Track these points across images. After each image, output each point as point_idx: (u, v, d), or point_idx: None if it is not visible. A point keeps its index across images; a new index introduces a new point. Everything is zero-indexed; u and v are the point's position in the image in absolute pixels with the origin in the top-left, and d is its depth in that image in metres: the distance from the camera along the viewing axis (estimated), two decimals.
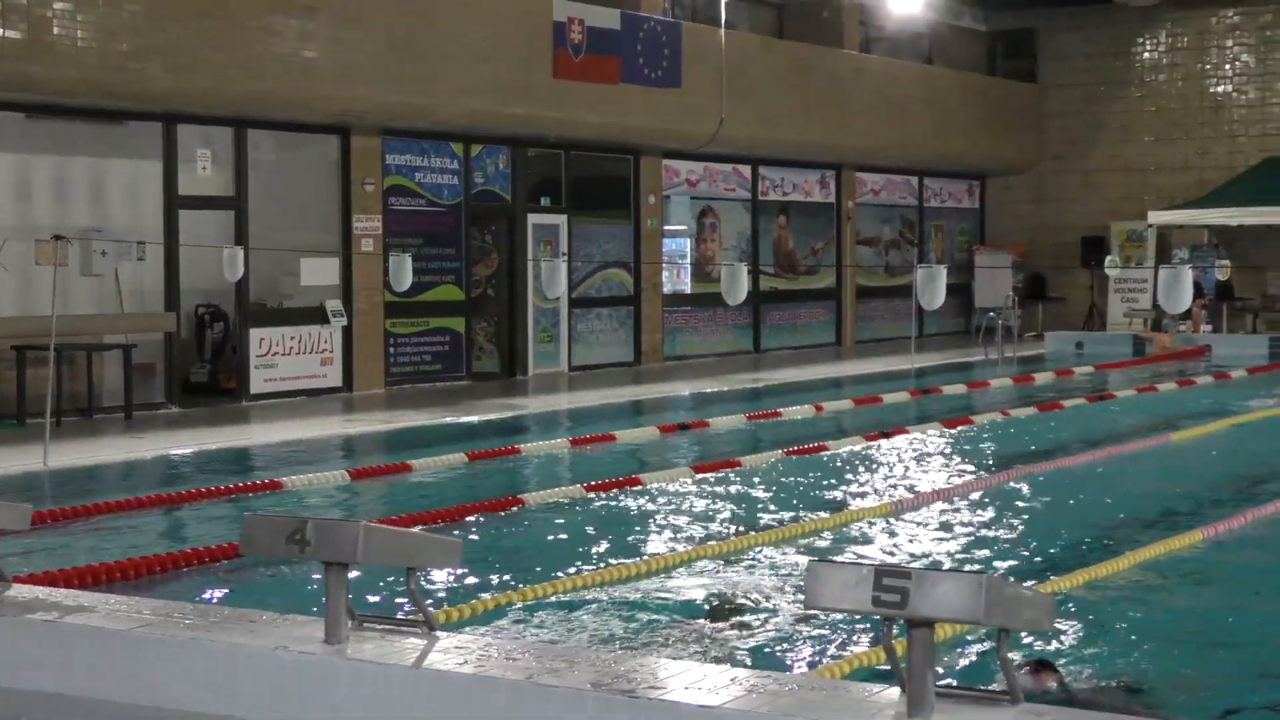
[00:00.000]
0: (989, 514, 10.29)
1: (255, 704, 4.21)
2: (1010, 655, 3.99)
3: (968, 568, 8.23)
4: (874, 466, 12.73)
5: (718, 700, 4.01)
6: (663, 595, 7.99)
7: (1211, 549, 9.10)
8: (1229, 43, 29.86)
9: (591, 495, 11.06)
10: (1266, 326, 27.59)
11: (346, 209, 19.58)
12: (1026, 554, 8.95)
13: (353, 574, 4.30)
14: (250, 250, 17.70)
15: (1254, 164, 29.01)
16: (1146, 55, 30.73)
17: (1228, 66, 29.88)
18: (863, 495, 11.19)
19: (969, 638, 6.75)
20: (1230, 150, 29.72)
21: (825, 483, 11.71)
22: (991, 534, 9.63)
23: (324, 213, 19.58)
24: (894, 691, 4.06)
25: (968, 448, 13.93)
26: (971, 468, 12.67)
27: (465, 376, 21.23)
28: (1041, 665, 5.49)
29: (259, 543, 4.52)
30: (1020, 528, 9.75)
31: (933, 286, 18.78)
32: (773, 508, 10.68)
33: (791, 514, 10.36)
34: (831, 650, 6.82)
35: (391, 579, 7.46)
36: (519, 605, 7.64)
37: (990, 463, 12.88)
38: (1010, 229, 32.11)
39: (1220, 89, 29.96)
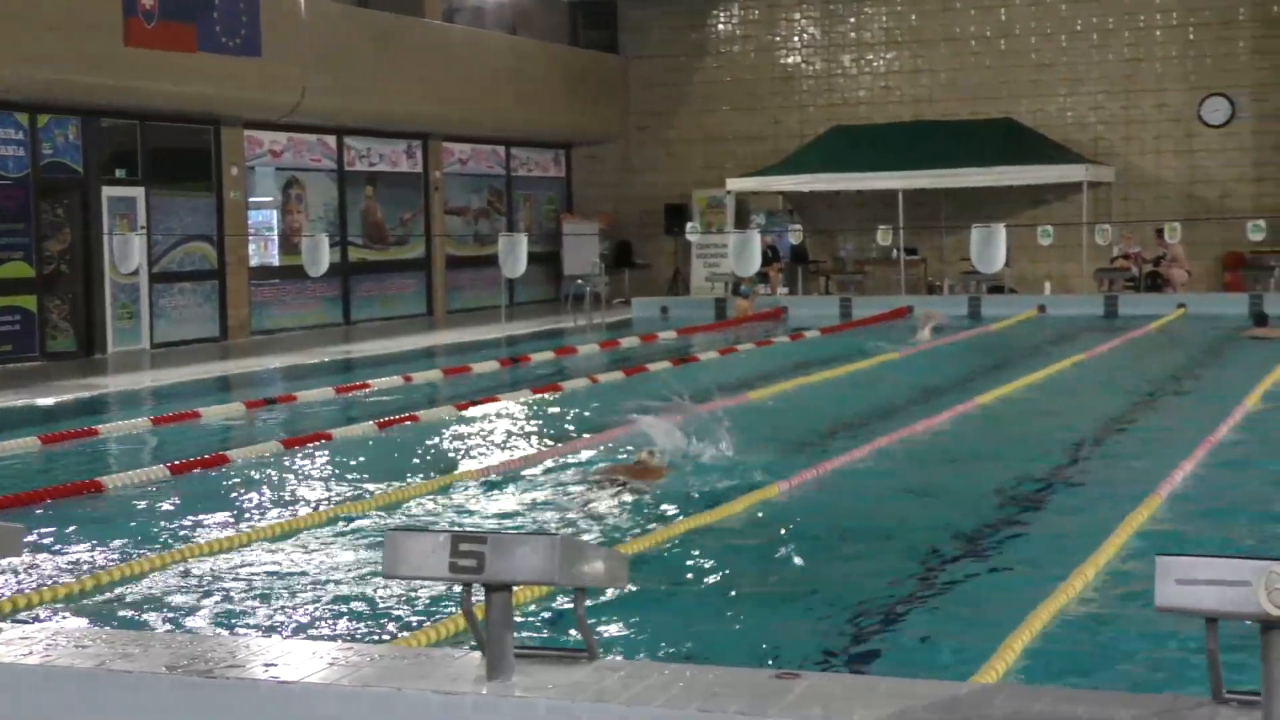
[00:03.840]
0: (575, 477, 10.47)
1: None
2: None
3: (551, 531, 8.37)
4: (464, 435, 12.80)
5: (298, 675, 3.97)
6: (249, 573, 7.85)
7: (787, 501, 9.49)
8: (797, 16, 31.14)
9: (175, 475, 10.76)
10: (838, 288, 28.94)
11: None
12: (612, 515, 9.15)
13: None
14: None
15: (823, 132, 30.34)
16: (721, 27, 31.74)
17: (796, 39, 31.17)
18: (452, 464, 11.24)
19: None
20: (801, 120, 31.01)
21: (414, 452, 11.70)
22: (577, 497, 9.81)
23: None
24: (475, 655, 4.11)
25: (556, 414, 14.15)
26: (559, 433, 12.87)
27: (39, 356, 20.33)
28: None
29: None
30: (604, 488, 9.94)
31: (514, 255, 19.03)
32: (363, 479, 10.62)
33: (381, 484, 10.32)
34: (423, 617, 6.83)
35: None
36: (94, 591, 7.37)
37: (578, 428, 13.11)
38: (597, 197, 32.71)
39: (790, 60, 31.22)
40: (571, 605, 6.17)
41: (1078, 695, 3.79)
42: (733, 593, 7.38)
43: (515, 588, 4.14)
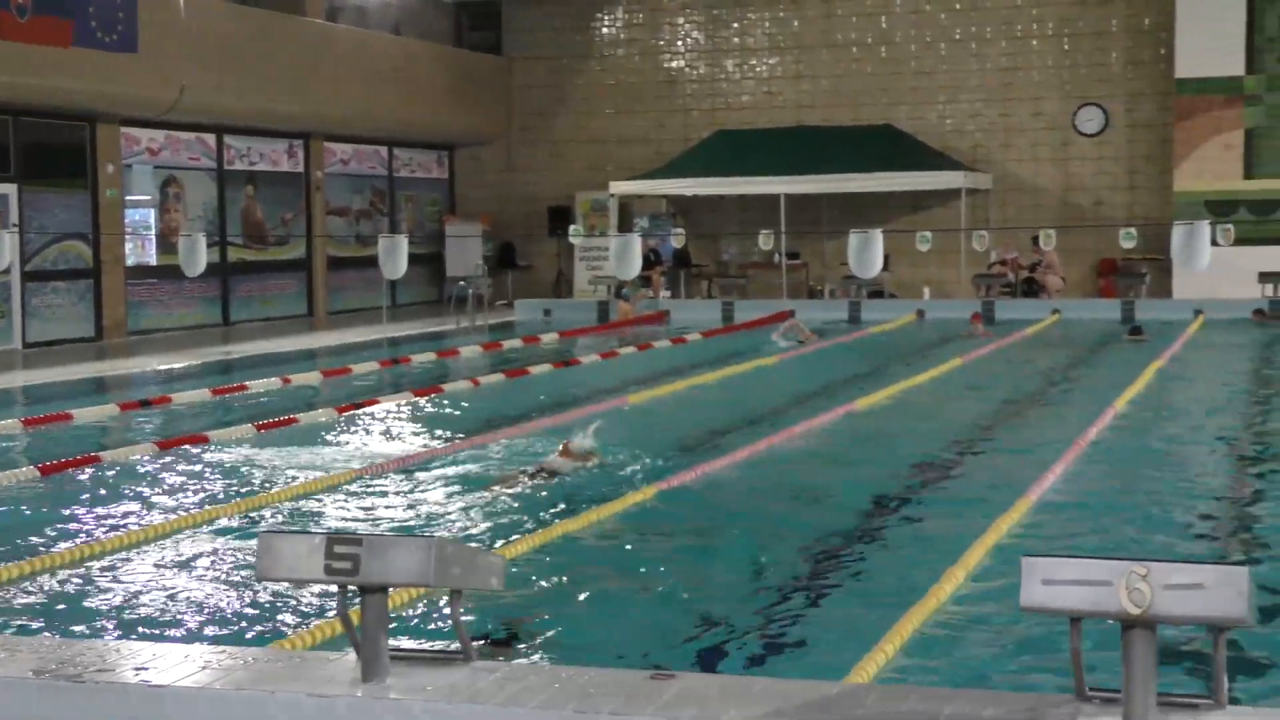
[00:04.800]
0: (454, 480, 10.46)
1: None
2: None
3: (428, 533, 8.35)
4: (343, 437, 12.72)
5: (169, 679, 3.94)
6: (121, 576, 7.75)
7: (665, 503, 9.54)
8: (680, 20, 31.27)
9: (45, 476, 10.59)
10: (720, 291, 29.08)
11: None
12: (489, 517, 9.15)
13: None
14: None
15: (706, 136, 30.50)
16: (605, 31, 31.79)
17: (680, 43, 31.30)
18: (331, 466, 11.15)
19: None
20: (685, 123, 31.15)
21: (293, 454, 11.61)
22: (455, 499, 9.80)
23: None
24: (351, 658, 4.10)
25: (437, 416, 14.10)
26: (440, 435, 12.83)
27: None
28: None
29: None
30: (482, 492, 9.95)
31: (394, 256, 18.89)
32: (240, 481, 10.51)
33: (259, 486, 10.23)
34: (300, 620, 6.78)
35: None
36: None
37: (459, 430, 13.07)
38: (480, 199, 32.63)
39: (674, 64, 31.35)
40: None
41: (945, 694, 3.86)
42: (609, 594, 7.41)
43: (392, 589, 4.14)
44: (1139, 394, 14.53)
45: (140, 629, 6.76)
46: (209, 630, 6.75)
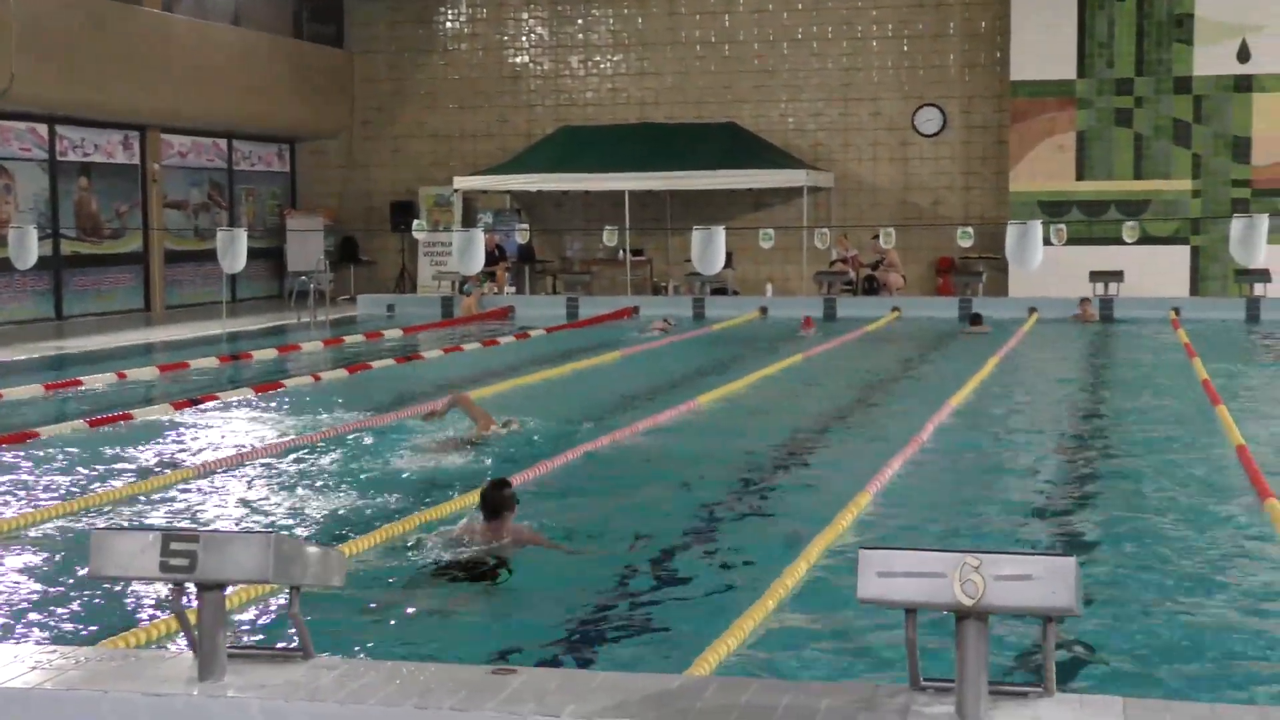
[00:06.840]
0: (294, 476, 10.35)
1: None
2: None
3: (268, 529, 8.25)
4: (180, 434, 12.51)
5: None
6: None
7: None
8: (525, 16, 31.22)
9: None
10: (565, 287, 29.09)
11: None
12: (329, 514, 9.07)
13: None
14: None
15: (550, 132, 30.48)
16: (449, 25, 31.62)
17: (524, 39, 31.24)
18: (167, 463, 10.98)
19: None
20: (529, 119, 31.10)
21: (128, 451, 11.39)
22: (296, 496, 9.70)
23: None
24: (188, 656, 4.05)
25: (277, 412, 13.93)
26: (279, 432, 12.67)
27: None
28: None
29: None
30: (322, 489, 9.87)
31: (233, 250, 18.61)
32: (72, 478, 10.30)
33: (92, 484, 10.04)
34: (138, 618, 6.67)
35: None
36: None
37: (299, 426, 12.92)
38: (322, 193, 32.29)
39: (518, 60, 31.28)
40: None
41: (782, 686, 3.91)
42: (450, 592, 7.38)
43: (230, 587, 4.09)
44: (976, 389, 14.81)
45: None
46: (40, 630, 6.61)
